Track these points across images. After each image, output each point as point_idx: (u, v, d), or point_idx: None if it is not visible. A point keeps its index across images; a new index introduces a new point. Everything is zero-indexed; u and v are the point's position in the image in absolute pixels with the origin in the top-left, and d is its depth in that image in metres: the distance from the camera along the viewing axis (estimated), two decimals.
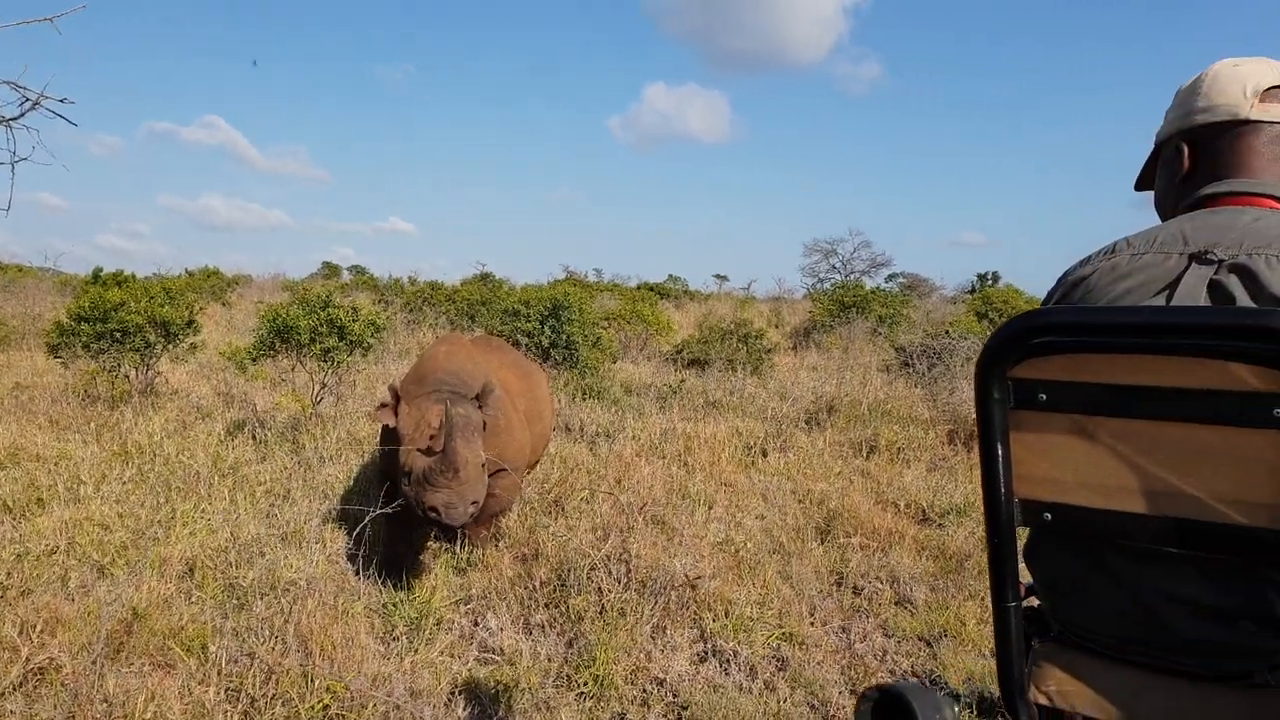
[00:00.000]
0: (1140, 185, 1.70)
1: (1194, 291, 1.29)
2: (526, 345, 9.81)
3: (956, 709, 1.07)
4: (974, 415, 1.27)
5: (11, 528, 4.65)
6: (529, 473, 5.91)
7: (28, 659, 3.20)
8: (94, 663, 3.09)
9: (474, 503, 4.07)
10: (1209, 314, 1.18)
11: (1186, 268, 1.32)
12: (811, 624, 4.21)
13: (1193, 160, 1.49)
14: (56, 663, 3.25)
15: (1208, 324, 1.11)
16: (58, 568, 4.16)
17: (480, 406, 4.33)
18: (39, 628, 3.47)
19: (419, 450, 4.10)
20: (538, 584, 4.26)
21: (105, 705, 2.97)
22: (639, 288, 29.65)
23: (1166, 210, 1.56)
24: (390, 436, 4.43)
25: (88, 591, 3.88)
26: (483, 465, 4.19)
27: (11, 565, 4.07)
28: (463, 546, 4.74)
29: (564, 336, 9.99)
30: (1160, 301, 1.33)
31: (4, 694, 3.05)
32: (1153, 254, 1.38)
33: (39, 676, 3.21)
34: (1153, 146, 1.62)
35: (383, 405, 4.39)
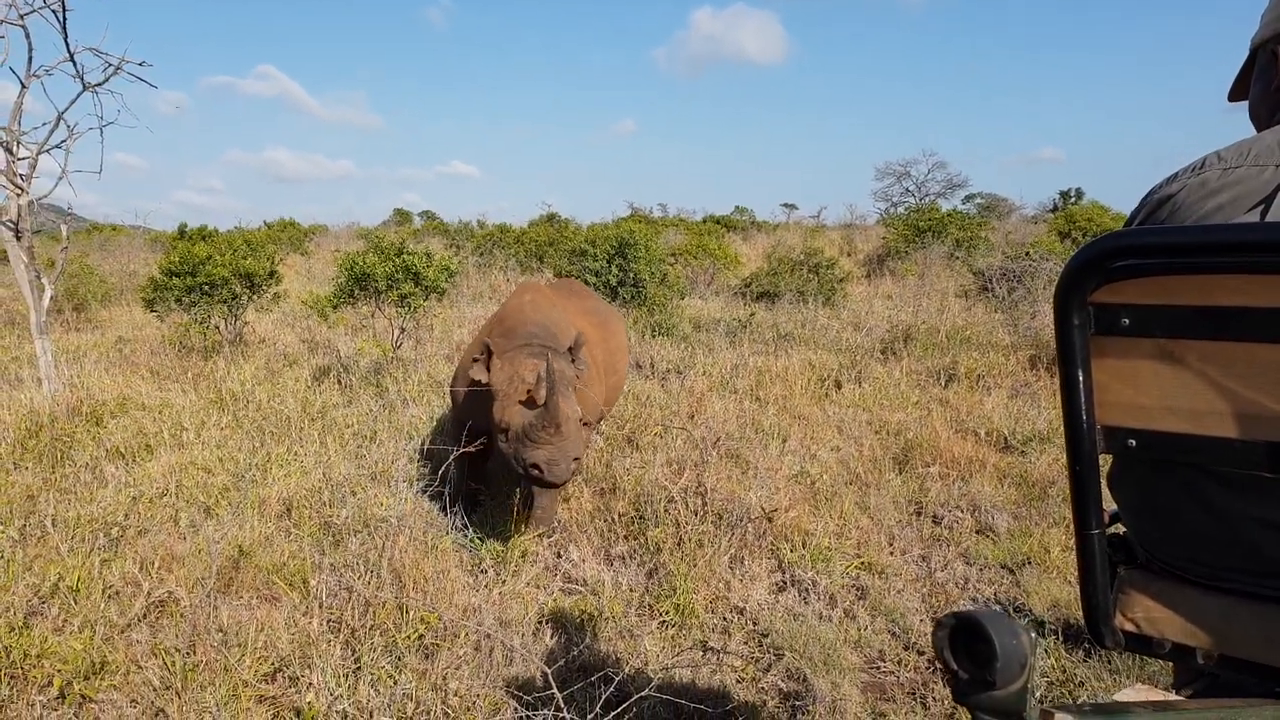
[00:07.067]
0: (1234, 95, 1.57)
1: None
2: (595, 285, 9.88)
3: (1035, 636, 1.06)
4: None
5: (125, 472, 4.96)
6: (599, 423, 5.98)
7: (149, 593, 3.45)
8: (208, 596, 3.30)
9: (576, 459, 3.85)
10: None
11: None
12: (891, 553, 4.23)
13: None
14: (175, 596, 3.50)
15: None
16: (169, 509, 4.44)
17: (573, 360, 4.16)
18: (156, 564, 3.73)
19: (520, 403, 3.88)
20: (616, 517, 4.36)
21: (221, 635, 3.17)
22: (705, 221, 29.36)
23: (1262, 120, 1.45)
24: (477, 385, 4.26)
25: (197, 530, 4.13)
26: (582, 421, 3.97)
27: (129, 507, 4.36)
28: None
29: (631, 274, 10.02)
30: (1254, 218, 1.25)
31: (131, 625, 3.29)
32: (1246, 168, 1.29)
33: (160, 609, 3.45)
34: (1248, 53, 1.50)
35: (475, 360, 4.21)
